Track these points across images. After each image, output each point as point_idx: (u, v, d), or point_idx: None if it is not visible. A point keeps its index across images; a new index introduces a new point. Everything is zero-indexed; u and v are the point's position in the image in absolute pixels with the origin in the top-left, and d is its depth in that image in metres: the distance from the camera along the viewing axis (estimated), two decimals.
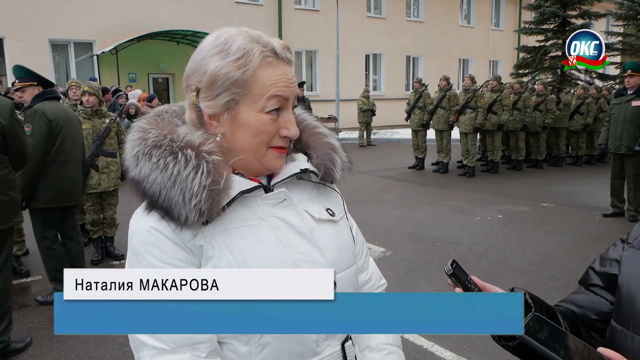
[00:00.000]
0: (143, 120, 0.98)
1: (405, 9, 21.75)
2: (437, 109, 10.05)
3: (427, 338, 3.43)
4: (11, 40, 13.62)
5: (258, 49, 0.93)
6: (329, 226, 1.04)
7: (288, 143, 1.00)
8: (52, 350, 3.36)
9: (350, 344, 1.04)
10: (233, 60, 0.92)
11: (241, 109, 0.94)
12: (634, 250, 0.93)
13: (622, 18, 16.99)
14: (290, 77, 0.97)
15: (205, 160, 0.90)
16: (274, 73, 0.94)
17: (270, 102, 0.94)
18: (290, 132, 0.97)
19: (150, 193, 0.90)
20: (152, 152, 0.92)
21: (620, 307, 0.90)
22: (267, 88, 0.93)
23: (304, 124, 1.10)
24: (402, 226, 6.26)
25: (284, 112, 0.97)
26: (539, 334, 0.75)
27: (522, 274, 4.64)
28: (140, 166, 0.92)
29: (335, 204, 1.10)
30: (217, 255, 0.92)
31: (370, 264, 1.21)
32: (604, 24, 23.08)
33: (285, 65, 0.96)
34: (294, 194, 1.03)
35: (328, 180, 1.08)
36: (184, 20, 15.57)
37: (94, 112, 4.87)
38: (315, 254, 0.98)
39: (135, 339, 0.91)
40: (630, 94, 6.45)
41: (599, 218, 6.72)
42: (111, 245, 5.19)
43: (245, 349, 0.94)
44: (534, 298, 0.94)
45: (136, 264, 0.93)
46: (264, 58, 0.93)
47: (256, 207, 0.98)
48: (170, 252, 0.91)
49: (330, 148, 1.07)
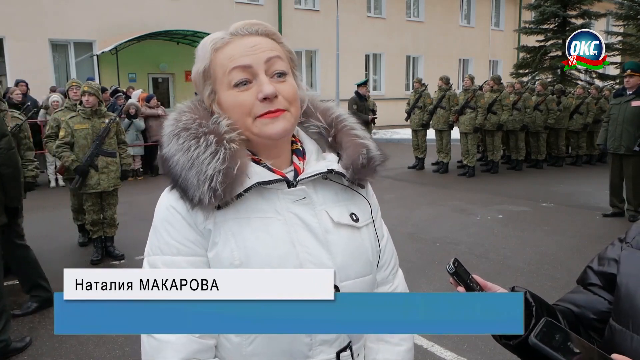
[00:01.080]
0: (185, 104, 1.04)
1: (405, 9, 21.74)
2: (437, 109, 10.06)
3: (427, 338, 3.43)
4: (11, 40, 13.62)
5: (211, 37, 1.00)
6: (347, 231, 1.02)
7: (276, 106, 0.95)
8: (52, 350, 3.36)
9: (347, 354, 1.01)
10: (199, 57, 1.01)
11: (219, 95, 0.99)
12: (632, 250, 0.93)
13: (622, 18, 17.00)
14: (252, 45, 0.96)
15: (224, 147, 0.93)
16: (229, 50, 0.98)
17: (231, 76, 0.96)
18: (264, 91, 0.94)
19: (173, 173, 0.95)
20: (180, 133, 0.97)
21: (619, 306, 0.90)
22: (225, 65, 0.97)
23: (342, 124, 1.09)
24: (402, 226, 6.26)
25: (256, 79, 0.96)
26: (552, 341, 0.75)
27: (522, 274, 4.64)
28: (170, 146, 0.97)
29: (362, 209, 1.07)
30: (222, 242, 0.94)
31: (397, 278, 1.18)
32: (604, 23, 23.08)
33: (244, 38, 0.98)
34: (319, 193, 1.02)
35: (357, 184, 1.05)
36: (184, 20, 15.57)
37: (94, 112, 4.87)
38: (324, 256, 0.97)
39: None
40: (630, 94, 6.44)
41: (599, 218, 6.72)
42: (111, 245, 5.19)
43: (237, 339, 0.96)
44: (535, 297, 0.94)
45: (154, 238, 0.99)
46: (217, 42, 0.99)
47: (276, 200, 0.98)
48: (183, 231, 0.95)
49: (363, 150, 1.04)
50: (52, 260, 5.13)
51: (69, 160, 4.77)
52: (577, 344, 0.76)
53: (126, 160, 5.18)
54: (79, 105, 4.96)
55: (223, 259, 0.93)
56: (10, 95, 8.56)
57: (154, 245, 0.98)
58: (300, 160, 1.05)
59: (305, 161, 1.05)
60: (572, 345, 0.75)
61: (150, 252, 0.98)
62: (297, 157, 1.05)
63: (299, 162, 1.04)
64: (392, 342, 1.12)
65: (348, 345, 1.02)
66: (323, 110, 1.11)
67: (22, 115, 4.88)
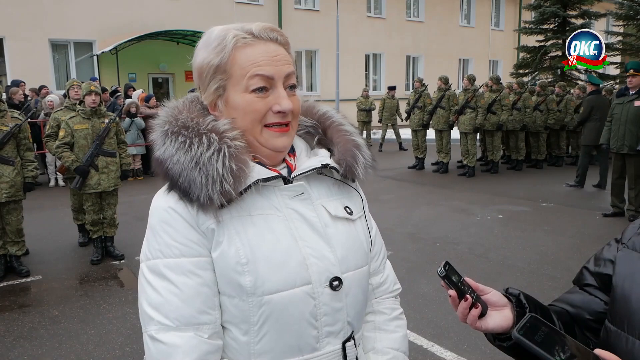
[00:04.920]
0: (178, 102, 1.02)
1: (405, 9, 21.74)
2: (437, 109, 10.06)
3: (427, 338, 3.43)
4: (11, 40, 13.62)
5: (232, 33, 0.96)
6: (344, 224, 1.04)
7: (287, 119, 0.98)
8: (52, 350, 3.35)
9: (351, 344, 1.03)
10: (212, 48, 0.96)
11: (229, 93, 0.97)
12: (628, 251, 0.92)
13: (622, 18, 16.99)
14: (274, 55, 0.96)
15: (227, 145, 0.93)
16: (252, 53, 0.95)
17: (252, 81, 0.95)
18: (282, 105, 0.95)
19: (171, 173, 0.93)
20: (181, 131, 0.95)
21: (614, 307, 0.89)
22: (246, 68, 0.95)
23: (330, 120, 1.11)
24: (402, 226, 6.26)
25: (274, 90, 0.96)
26: (535, 336, 0.75)
27: (522, 274, 4.64)
28: (165, 145, 0.95)
29: (354, 202, 1.10)
30: (227, 241, 0.93)
31: (387, 267, 1.21)
32: (604, 24, 23.08)
33: (267, 43, 0.97)
34: (314, 188, 1.04)
35: (350, 178, 1.08)
36: (184, 20, 15.57)
37: (93, 112, 4.87)
38: (325, 250, 0.99)
39: (144, 313, 0.94)
40: (633, 94, 6.44)
41: (599, 218, 6.72)
42: (111, 245, 5.19)
43: (244, 338, 0.96)
44: (529, 298, 0.94)
45: (152, 240, 0.96)
46: (240, 40, 0.95)
47: (274, 197, 0.99)
48: (184, 232, 0.94)
49: (354, 145, 1.07)
50: (52, 260, 5.14)
51: (69, 161, 4.77)
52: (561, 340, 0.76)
53: (126, 160, 5.18)
54: (78, 105, 4.96)
55: (229, 258, 0.93)
56: (12, 96, 8.57)
57: (152, 248, 0.95)
58: (291, 157, 1.07)
59: (296, 158, 1.07)
60: (558, 341, 0.75)
61: (150, 255, 0.95)
62: (289, 154, 1.07)
63: (290, 159, 1.06)
64: (388, 330, 1.15)
65: (351, 335, 1.04)
66: (307, 109, 1.13)
67: (22, 116, 4.88)
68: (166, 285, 0.92)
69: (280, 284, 0.93)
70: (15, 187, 4.53)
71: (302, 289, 0.95)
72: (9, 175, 4.47)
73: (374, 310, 1.16)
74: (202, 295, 0.93)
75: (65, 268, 4.93)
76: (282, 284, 0.93)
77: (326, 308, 0.98)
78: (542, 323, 0.77)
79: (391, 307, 1.18)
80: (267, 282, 0.93)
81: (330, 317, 0.99)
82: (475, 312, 0.90)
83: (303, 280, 0.95)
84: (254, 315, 0.94)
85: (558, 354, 0.73)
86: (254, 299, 0.93)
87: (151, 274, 0.94)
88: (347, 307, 1.01)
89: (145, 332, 0.94)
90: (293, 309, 0.94)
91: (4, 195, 4.46)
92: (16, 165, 4.54)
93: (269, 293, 0.93)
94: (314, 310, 0.97)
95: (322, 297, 0.97)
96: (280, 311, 0.94)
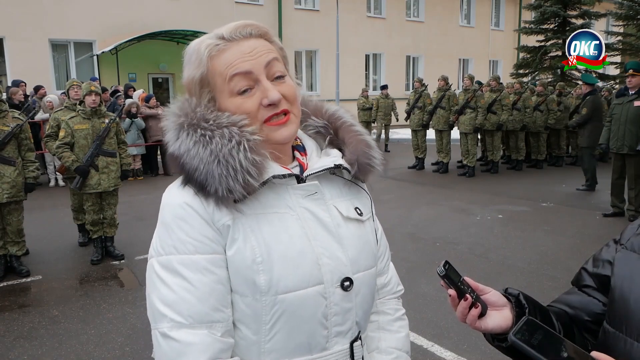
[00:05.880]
0: (186, 98, 1.01)
1: (405, 9, 21.74)
2: (437, 109, 10.06)
3: (427, 338, 3.44)
4: (11, 40, 13.62)
5: (205, 43, 0.97)
6: (355, 225, 1.05)
7: (281, 108, 0.96)
8: (52, 350, 3.36)
9: (359, 343, 1.04)
10: (191, 63, 0.98)
11: (220, 102, 0.97)
12: (627, 252, 0.92)
13: (622, 18, 16.99)
14: (249, 51, 0.95)
15: (247, 138, 0.92)
16: (227, 57, 0.95)
17: (232, 84, 0.95)
18: (270, 97, 0.94)
19: (187, 167, 0.92)
20: (200, 123, 0.93)
21: (612, 309, 0.89)
22: (224, 73, 0.95)
23: (341, 120, 1.11)
24: (402, 226, 6.26)
25: (258, 85, 0.96)
26: (531, 339, 0.75)
27: (522, 274, 4.64)
28: (180, 140, 0.93)
29: (364, 203, 1.11)
30: (242, 239, 0.93)
31: (390, 268, 1.22)
32: (604, 24, 23.08)
33: (240, 43, 0.96)
34: (326, 188, 1.04)
35: (360, 178, 1.09)
36: (184, 20, 15.57)
37: (94, 112, 4.87)
38: (337, 250, 0.99)
39: (156, 310, 0.92)
40: (632, 94, 6.44)
41: (599, 218, 6.72)
42: (111, 245, 5.19)
43: (255, 337, 0.96)
44: (528, 299, 0.94)
45: (165, 236, 0.94)
46: (212, 49, 0.96)
47: (287, 195, 0.99)
48: (200, 228, 0.92)
49: (366, 146, 1.08)
50: (52, 260, 5.14)
51: (70, 161, 4.77)
52: (558, 343, 0.76)
53: (126, 160, 5.18)
54: (78, 105, 4.96)
55: (245, 257, 0.92)
56: (12, 96, 8.56)
57: (166, 244, 0.93)
58: (302, 155, 1.07)
59: (307, 157, 1.07)
60: (554, 344, 0.75)
61: (162, 251, 0.94)
62: (300, 153, 1.07)
63: (302, 158, 1.06)
64: (392, 331, 1.16)
65: (358, 335, 1.05)
66: (314, 109, 1.12)
67: (22, 116, 4.88)
68: (180, 282, 0.91)
69: (294, 284, 0.93)
70: (17, 188, 4.53)
71: (315, 288, 0.95)
72: (10, 176, 4.47)
73: (377, 311, 1.17)
74: (216, 293, 0.92)
75: (65, 268, 4.93)
76: (296, 283, 0.94)
77: (337, 308, 0.98)
78: (539, 326, 0.77)
79: (395, 307, 1.19)
80: (282, 281, 0.93)
81: (340, 317, 0.99)
82: (475, 312, 0.90)
83: (316, 280, 0.95)
84: (266, 314, 0.94)
85: (554, 357, 0.73)
86: (268, 298, 0.93)
87: (164, 270, 0.92)
88: (357, 308, 1.02)
89: (156, 329, 0.92)
90: (305, 308, 0.95)
91: (5, 196, 4.46)
92: (17, 166, 4.54)
93: (282, 292, 0.93)
94: (325, 310, 0.97)
95: (333, 297, 0.98)
96: (292, 311, 0.94)
